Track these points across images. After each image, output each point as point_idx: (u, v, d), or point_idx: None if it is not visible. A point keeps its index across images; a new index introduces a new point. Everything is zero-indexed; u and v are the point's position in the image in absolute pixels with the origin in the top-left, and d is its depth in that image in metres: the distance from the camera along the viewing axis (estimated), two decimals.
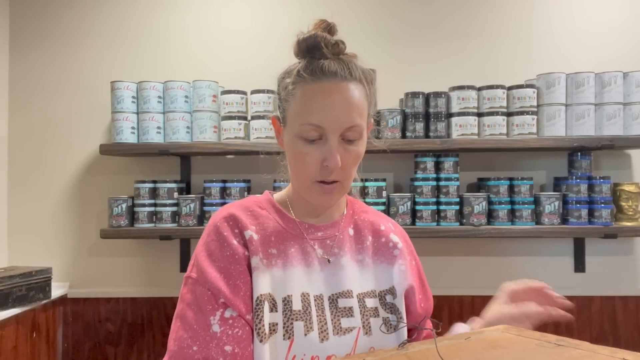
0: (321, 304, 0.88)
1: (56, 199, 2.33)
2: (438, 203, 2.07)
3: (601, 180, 2.06)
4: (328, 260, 0.92)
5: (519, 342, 0.80)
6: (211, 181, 2.12)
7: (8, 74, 2.34)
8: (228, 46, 2.33)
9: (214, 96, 2.13)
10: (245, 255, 0.87)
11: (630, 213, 2.11)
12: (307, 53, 0.86)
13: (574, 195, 2.06)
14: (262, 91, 2.09)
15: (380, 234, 0.98)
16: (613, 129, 2.04)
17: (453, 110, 2.07)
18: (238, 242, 0.87)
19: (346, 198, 1.01)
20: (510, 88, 2.09)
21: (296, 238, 0.92)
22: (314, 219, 0.95)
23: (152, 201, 2.13)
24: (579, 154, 2.15)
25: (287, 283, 0.87)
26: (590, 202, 2.06)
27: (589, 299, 2.23)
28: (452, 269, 2.27)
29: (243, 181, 2.13)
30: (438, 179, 2.09)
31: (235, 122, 2.09)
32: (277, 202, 0.96)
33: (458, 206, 2.07)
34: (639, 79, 2.05)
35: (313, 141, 0.84)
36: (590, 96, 2.05)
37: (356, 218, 0.99)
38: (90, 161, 2.33)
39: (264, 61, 2.29)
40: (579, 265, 2.24)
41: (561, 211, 2.06)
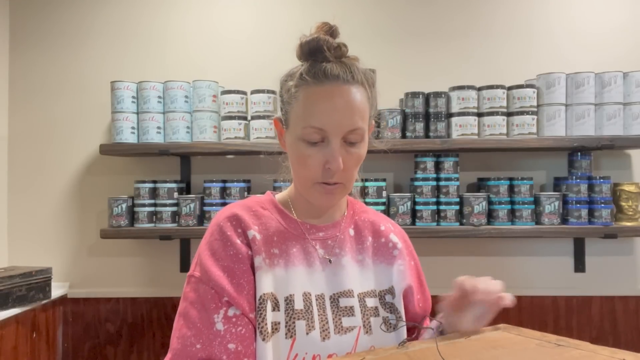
0: (323, 303, 0.88)
1: (56, 199, 2.33)
2: (438, 203, 2.07)
3: (601, 180, 2.06)
4: (329, 260, 0.93)
5: (519, 342, 0.80)
6: (211, 181, 2.12)
7: (8, 74, 2.34)
8: (228, 46, 2.33)
9: (214, 96, 2.13)
10: (248, 254, 0.87)
11: (630, 213, 2.11)
12: (310, 56, 0.87)
13: (574, 195, 2.06)
14: (262, 91, 2.09)
15: (380, 235, 0.99)
16: (613, 129, 2.04)
17: (453, 110, 2.07)
18: (241, 242, 0.88)
19: (347, 199, 1.02)
20: (510, 88, 2.09)
21: (298, 238, 0.93)
22: (316, 220, 0.96)
23: (152, 201, 2.13)
24: (579, 154, 2.15)
25: (289, 282, 0.88)
26: (590, 202, 2.06)
27: (589, 299, 2.22)
28: (452, 269, 2.27)
29: (243, 181, 2.13)
30: (438, 179, 2.09)
31: (235, 122, 2.09)
32: (279, 203, 0.97)
33: (458, 206, 2.07)
34: (639, 79, 2.05)
35: (315, 143, 0.85)
36: (590, 96, 2.05)
37: (356, 218, 1.00)
38: (90, 161, 2.33)
39: (264, 61, 2.29)
40: (579, 265, 2.24)
41: (561, 211, 2.06)
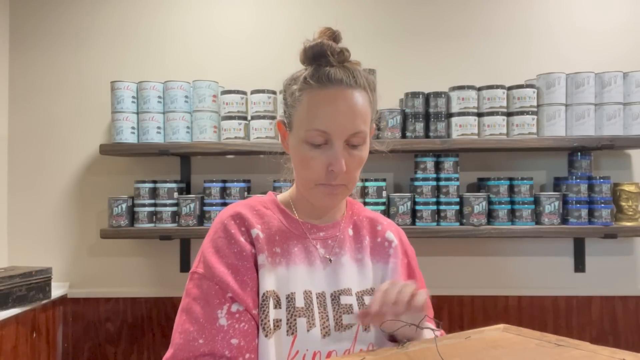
0: (323, 301, 0.91)
1: (56, 199, 2.33)
2: (438, 203, 2.07)
3: (601, 180, 2.05)
4: (329, 259, 0.95)
5: (519, 342, 0.80)
6: (211, 181, 2.12)
7: (8, 74, 2.34)
8: (228, 46, 2.33)
9: (214, 96, 2.13)
10: (252, 252, 0.90)
11: (630, 213, 2.11)
12: (314, 60, 0.89)
13: (574, 195, 2.06)
14: (262, 91, 2.09)
15: (377, 234, 1.02)
16: (613, 129, 2.04)
17: (453, 110, 2.07)
18: (245, 240, 0.90)
19: (346, 199, 1.04)
20: (510, 88, 2.09)
21: (299, 238, 0.95)
22: (317, 220, 0.98)
23: (152, 201, 2.13)
24: (579, 154, 2.15)
25: (291, 281, 0.90)
26: (590, 202, 2.06)
27: (589, 299, 2.22)
28: (452, 269, 2.27)
29: (243, 181, 2.13)
30: (438, 179, 2.09)
31: (235, 122, 2.09)
32: (281, 203, 0.99)
33: (458, 206, 2.07)
34: (639, 79, 2.05)
35: (319, 146, 0.87)
36: (590, 96, 2.05)
37: (355, 218, 1.02)
38: (90, 161, 2.33)
39: (264, 61, 2.29)
40: (579, 265, 2.24)
41: (561, 211, 2.06)
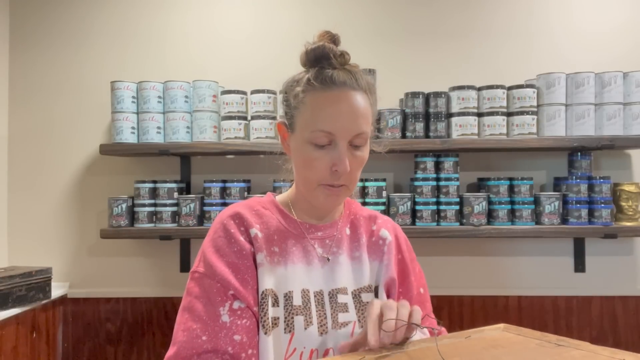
0: (321, 300, 0.92)
1: (56, 199, 2.33)
2: (438, 203, 2.07)
3: (601, 180, 2.05)
4: (327, 258, 0.96)
5: (519, 342, 0.80)
6: (211, 181, 2.12)
7: (8, 74, 2.34)
8: (228, 46, 2.33)
9: (214, 96, 2.13)
10: (251, 251, 0.91)
11: (630, 213, 2.11)
12: (315, 63, 0.90)
13: (574, 195, 2.06)
14: (262, 91, 2.09)
15: (372, 234, 1.03)
16: (613, 129, 2.04)
17: (453, 110, 2.07)
18: (244, 239, 0.91)
19: None
20: (510, 88, 2.09)
21: (297, 237, 0.96)
22: (315, 220, 0.99)
23: (152, 201, 2.13)
24: (579, 154, 2.15)
25: (289, 280, 0.91)
26: (590, 202, 2.06)
27: (589, 299, 2.22)
28: (452, 269, 2.27)
29: (243, 181, 2.13)
30: (438, 179, 2.09)
31: (235, 122, 2.09)
32: (280, 203, 1.00)
33: (458, 206, 2.07)
34: (639, 79, 2.05)
35: (323, 146, 0.88)
36: (590, 96, 2.05)
37: (352, 218, 1.04)
38: (90, 161, 2.33)
39: (264, 61, 2.29)
40: (579, 265, 2.24)
41: (561, 211, 2.06)
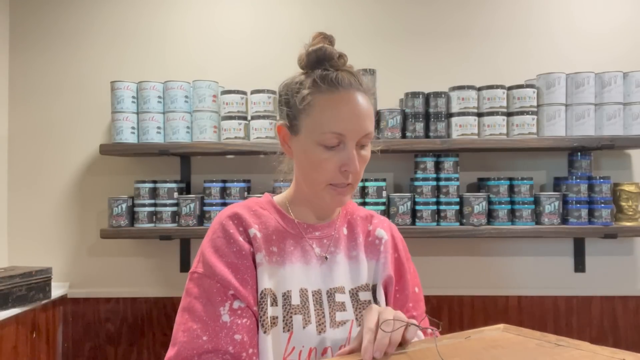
0: (319, 299, 0.92)
1: (56, 199, 2.33)
2: (438, 203, 2.07)
3: (601, 180, 2.05)
4: (325, 257, 0.97)
5: (519, 342, 0.80)
6: (211, 181, 2.12)
7: (8, 73, 2.34)
8: (228, 46, 2.32)
9: (214, 96, 2.13)
10: (250, 251, 0.91)
11: (630, 213, 2.11)
12: (317, 65, 0.91)
13: (574, 195, 2.05)
14: (262, 91, 2.09)
15: (369, 233, 1.04)
16: (613, 129, 2.04)
17: (453, 110, 2.07)
18: (243, 239, 0.92)
19: None
20: (510, 88, 2.09)
21: (295, 237, 0.96)
22: (312, 220, 1.00)
23: (152, 201, 2.13)
24: (579, 154, 2.15)
25: (287, 279, 0.91)
26: (590, 202, 2.06)
27: (589, 299, 2.22)
28: (452, 269, 2.27)
29: (243, 181, 2.13)
30: (438, 179, 2.09)
31: (235, 122, 2.09)
32: (277, 204, 1.00)
33: (458, 206, 2.07)
34: (639, 79, 2.05)
35: (332, 148, 0.89)
36: (590, 96, 2.05)
37: (349, 218, 1.04)
38: (90, 161, 2.33)
39: (264, 61, 2.29)
40: (579, 265, 2.24)
41: (561, 211, 2.06)
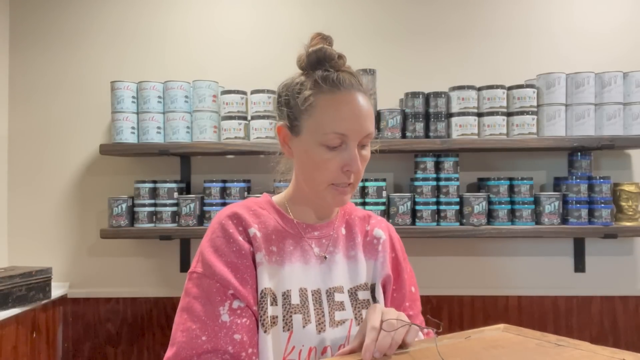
0: (319, 298, 0.93)
1: (56, 199, 2.33)
2: (438, 203, 2.07)
3: (601, 180, 2.05)
4: (324, 256, 0.97)
5: (519, 342, 0.80)
6: (211, 181, 2.12)
7: (8, 73, 2.34)
8: (228, 46, 2.32)
9: (214, 96, 2.13)
10: (250, 251, 0.91)
11: (630, 213, 2.11)
12: (318, 65, 0.91)
13: (574, 195, 2.05)
14: (262, 91, 2.09)
15: (367, 233, 1.04)
16: (613, 129, 2.04)
17: (453, 110, 2.07)
18: (243, 239, 0.92)
19: None
20: (510, 88, 2.09)
21: (295, 237, 0.96)
22: (311, 220, 1.00)
23: (152, 201, 2.13)
24: (579, 154, 2.15)
25: (286, 279, 0.92)
26: (590, 202, 2.06)
27: (589, 299, 2.22)
28: (452, 269, 2.27)
29: (243, 181, 2.13)
30: (438, 179, 2.09)
31: (235, 122, 2.09)
32: (276, 204, 1.01)
33: (458, 206, 2.07)
34: (639, 79, 2.05)
35: (334, 148, 0.89)
36: (590, 96, 2.05)
37: (348, 218, 1.05)
38: (90, 161, 2.33)
39: (264, 61, 2.29)
40: (579, 265, 2.24)
41: (561, 211, 2.06)
